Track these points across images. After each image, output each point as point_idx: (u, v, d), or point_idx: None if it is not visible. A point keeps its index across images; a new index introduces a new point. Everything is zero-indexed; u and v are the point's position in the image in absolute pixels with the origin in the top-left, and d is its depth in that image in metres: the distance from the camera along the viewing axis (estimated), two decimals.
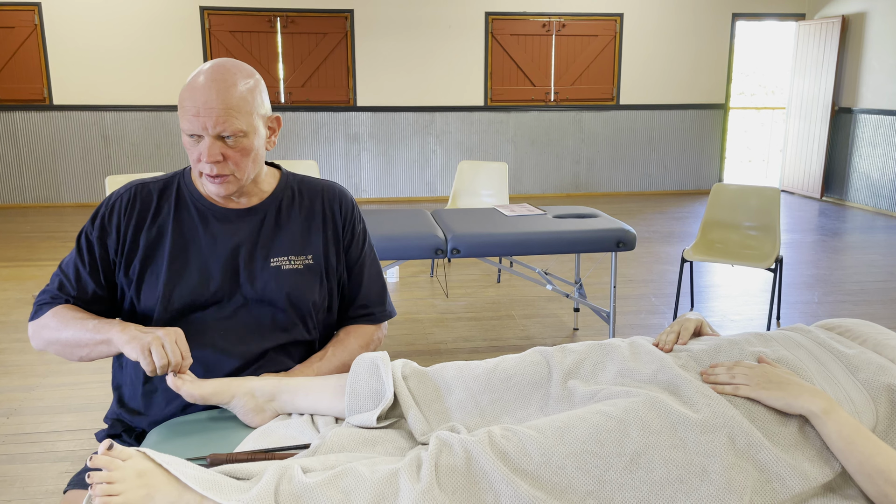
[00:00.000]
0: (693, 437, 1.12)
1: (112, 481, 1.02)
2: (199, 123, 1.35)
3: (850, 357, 1.31)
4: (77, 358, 1.43)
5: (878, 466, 1.09)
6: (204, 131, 1.36)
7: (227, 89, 1.36)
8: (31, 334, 1.46)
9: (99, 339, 1.37)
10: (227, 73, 1.38)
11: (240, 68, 1.41)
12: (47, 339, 1.43)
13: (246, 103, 1.39)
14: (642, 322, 4.07)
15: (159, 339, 1.31)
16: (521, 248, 3.25)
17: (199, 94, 1.35)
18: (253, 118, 1.41)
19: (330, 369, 1.53)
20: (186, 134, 1.39)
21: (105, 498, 1.01)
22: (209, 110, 1.35)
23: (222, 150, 1.39)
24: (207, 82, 1.36)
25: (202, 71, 1.39)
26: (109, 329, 1.37)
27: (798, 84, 8.49)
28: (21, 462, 2.56)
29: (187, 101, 1.36)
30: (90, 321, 1.40)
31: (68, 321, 1.40)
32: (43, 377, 3.28)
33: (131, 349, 1.32)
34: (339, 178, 8.12)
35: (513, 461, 1.08)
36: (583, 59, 8.22)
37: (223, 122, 1.36)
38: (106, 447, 1.05)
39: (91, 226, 1.47)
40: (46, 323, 1.43)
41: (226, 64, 1.41)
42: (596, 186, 8.61)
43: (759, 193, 4.06)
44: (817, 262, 5.45)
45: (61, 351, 1.43)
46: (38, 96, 7.39)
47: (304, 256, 1.54)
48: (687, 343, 1.41)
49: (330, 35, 7.72)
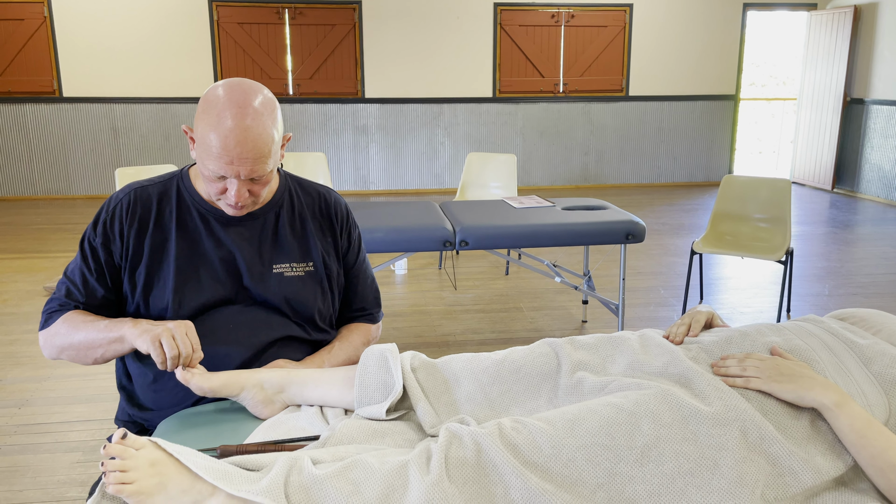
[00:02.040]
0: (705, 431, 1.11)
1: (125, 469, 1.03)
2: (232, 171, 1.34)
3: (863, 348, 1.29)
4: (91, 360, 1.44)
5: (891, 460, 1.08)
6: (235, 177, 1.36)
7: (260, 136, 1.33)
8: (43, 344, 1.46)
9: (112, 338, 1.38)
10: (256, 115, 1.33)
11: (258, 98, 1.36)
12: (59, 345, 1.44)
13: (273, 144, 1.38)
14: (651, 314, 4.05)
15: (170, 331, 1.32)
16: (529, 240, 3.24)
17: (231, 142, 1.31)
18: (277, 154, 1.41)
19: (336, 363, 1.56)
20: (212, 174, 1.36)
21: (119, 486, 1.02)
22: (243, 161, 1.33)
23: (249, 188, 1.40)
24: (239, 130, 1.31)
25: (226, 110, 1.32)
26: (121, 326, 1.38)
27: (810, 74, 8.42)
28: (32, 452, 2.58)
29: (216, 147, 1.32)
30: (101, 321, 1.41)
31: (79, 324, 1.41)
32: (54, 368, 3.30)
33: (142, 342, 1.33)
34: (348, 170, 8.12)
35: (523, 453, 1.07)
36: (592, 49, 8.17)
37: (256, 170, 1.36)
38: (120, 436, 1.05)
39: (93, 231, 1.48)
40: (57, 330, 1.43)
41: (248, 98, 1.34)
42: (605, 178, 8.58)
43: (770, 185, 4.03)
44: (828, 254, 5.41)
45: (75, 356, 1.44)
46: (47, 88, 7.41)
47: (305, 263, 1.56)
48: (698, 335, 1.40)
49: (338, 26, 7.70)
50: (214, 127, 1.32)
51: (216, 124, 1.32)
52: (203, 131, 1.33)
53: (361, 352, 1.58)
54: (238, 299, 1.50)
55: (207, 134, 1.32)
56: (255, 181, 1.39)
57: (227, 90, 1.34)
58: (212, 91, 1.35)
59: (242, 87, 1.36)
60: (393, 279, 4.79)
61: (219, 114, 1.32)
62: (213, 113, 1.32)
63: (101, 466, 1.03)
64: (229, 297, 1.49)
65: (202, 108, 1.34)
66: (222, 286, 1.48)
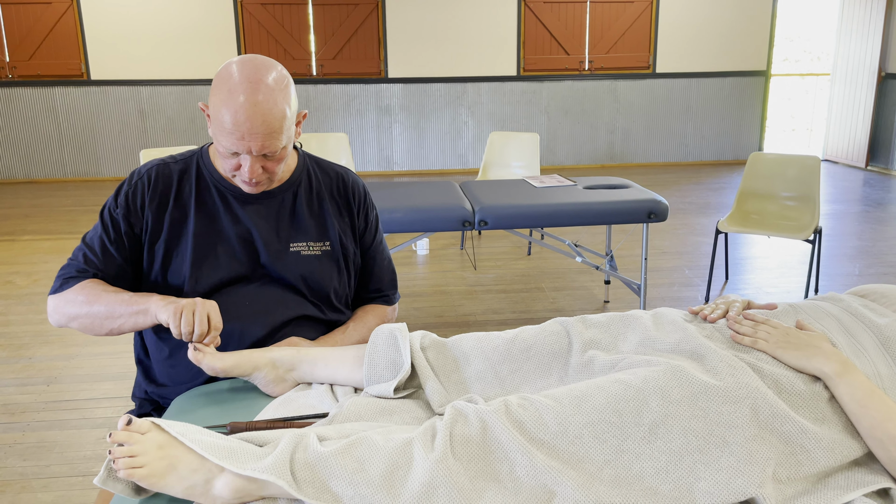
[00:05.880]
0: (714, 408, 1.09)
1: (134, 454, 1.04)
2: (244, 146, 1.34)
3: (881, 327, 1.26)
4: (106, 331, 1.42)
5: (890, 432, 1.07)
6: (247, 153, 1.36)
7: (271, 111, 1.33)
8: (52, 309, 1.45)
9: (136, 310, 1.38)
10: (267, 90, 1.33)
11: (271, 74, 1.36)
12: (71, 313, 1.42)
13: (286, 119, 1.37)
14: (675, 294, 4.00)
15: (192, 306, 1.33)
16: (549, 219, 3.21)
17: (242, 117, 1.31)
18: (290, 129, 1.40)
19: (350, 344, 1.56)
20: (225, 150, 1.37)
21: (130, 470, 1.03)
22: (254, 136, 1.33)
23: (262, 164, 1.40)
24: (249, 105, 1.31)
25: (238, 86, 1.32)
26: (148, 300, 1.38)
27: (843, 49, 8.18)
28: (60, 428, 2.64)
29: (227, 122, 1.32)
30: (124, 293, 1.41)
31: (100, 293, 1.41)
32: (82, 346, 3.37)
33: (165, 312, 1.34)
34: (371, 150, 8.12)
35: (529, 431, 1.07)
36: (618, 26, 8.03)
37: (268, 146, 1.35)
38: (125, 422, 1.07)
39: (115, 202, 1.49)
40: (73, 297, 1.42)
41: (260, 74, 1.34)
42: (631, 157, 8.46)
43: (798, 162, 3.94)
44: (860, 233, 5.29)
45: (89, 325, 1.41)
46: (76, 71, 7.51)
47: (322, 243, 1.56)
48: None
49: (361, 6, 7.66)
50: (226, 102, 1.32)
51: (227, 100, 1.32)
52: (216, 107, 1.34)
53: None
54: (255, 277, 1.51)
55: (220, 110, 1.33)
56: (268, 157, 1.39)
57: (239, 66, 1.34)
58: (225, 68, 1.35)
59: (255, 62, 1.35)
60: (414, 259, 4.79)
61: (230, 89, 1.32)
62: (224, 89, 1.33)
63: (108, 454, 1.05)
64: (246, 275, 1.50)
65: (215, 85, 1.35)
66: (239, 263, 1.50)
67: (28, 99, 7.57)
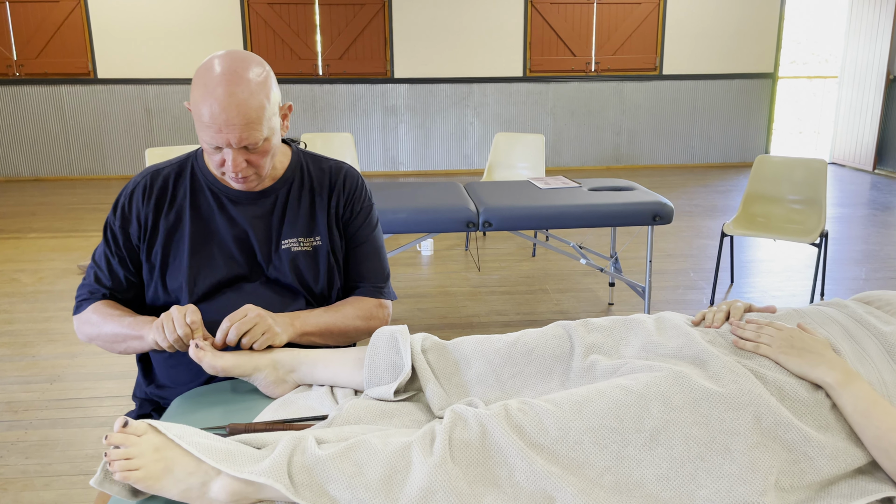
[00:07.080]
0: (716, 415, 1.08)
1: (130, 457, 1.04)
2: (223, 139, 1.34)
3: (886, 335, 1.25)
4: (118, 351, 1.49)
5: (894, 441, 1.05)
6: (227, 146, 1.36)
7: (246, 101, 1.32)
8: (77, 329, 1.53)
9: (135, 335, 1.43)
10: (243, 82, 1.32)
11: (248, 66, 1.35)
12: (89, 334, 1.50)
13: (264, 110, 1.36)
14: (679, 297, 3.99)
15: (169, 315, 1.35)
16: (553, 221, 3.20)
17: (217, 108, 1.31)
18: (271, 120, 1.39)
19: (316, 325, 1.49)
20: (208, 145, 1.37)
21: (125, 473, 1.03)
22: (231, 127, 1.32)
23: (246, 158, 1.39)
24: (225, 96, 1.31)
25: (214, 78, 1.32)
26: (143, 326, 1.43)
27: (851, 51, 8.14)
28: (63, 427, 2.65)
29: (205, 115, 1.32)
30: (128, 317, 1.46)
31: (106, 317, 1.46)
32: (86, 345, 3.37)
33: (152, 334, 1.38)
34: (377, 150, 8.11)
35: (528, 435, 1.06)
36: (625, 27, 8.01)
37: (247, 137, 1.35)
38: (121, 424, 1.06)
39: (113, 216, 1.52)
40: (88, 318, 1.49)
41: (236, 66, 1.34)
42: (637, 159, 8.44)
43: (805, 165, 3.92)
44: (867, 237, 5.26)
45: (104, 345, 1.50)
46: (83, 70, 7.53)
47: (313, 238, 1.55)
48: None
49: (367, 6, 7.66)
50: (203, 96, 1.33)
51: (205, 93, 1.32)
52: (195, 102, 1.34)
53: (351, 323, 1.54)
54: (252, 277, 1.52)
55: (198, 104, 1.33)
56: (250, 150, 1.38)
57: (216, 61, 1.35)
58: (204, 64, 1.36)
59: (232, 56, 1.36)
60: (419, 260, 4.78)
61: (206, 83, 1.33)
62: (202, 83, 1.33)
63: (104, 456, 1.04)
64: (244, 275, 1.51)
65: (194, 81, 1.35)
66: (237, 264, 1.50)
67: (35, 97, 7.59)
